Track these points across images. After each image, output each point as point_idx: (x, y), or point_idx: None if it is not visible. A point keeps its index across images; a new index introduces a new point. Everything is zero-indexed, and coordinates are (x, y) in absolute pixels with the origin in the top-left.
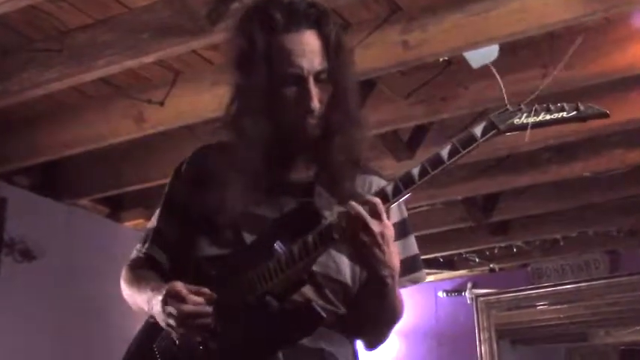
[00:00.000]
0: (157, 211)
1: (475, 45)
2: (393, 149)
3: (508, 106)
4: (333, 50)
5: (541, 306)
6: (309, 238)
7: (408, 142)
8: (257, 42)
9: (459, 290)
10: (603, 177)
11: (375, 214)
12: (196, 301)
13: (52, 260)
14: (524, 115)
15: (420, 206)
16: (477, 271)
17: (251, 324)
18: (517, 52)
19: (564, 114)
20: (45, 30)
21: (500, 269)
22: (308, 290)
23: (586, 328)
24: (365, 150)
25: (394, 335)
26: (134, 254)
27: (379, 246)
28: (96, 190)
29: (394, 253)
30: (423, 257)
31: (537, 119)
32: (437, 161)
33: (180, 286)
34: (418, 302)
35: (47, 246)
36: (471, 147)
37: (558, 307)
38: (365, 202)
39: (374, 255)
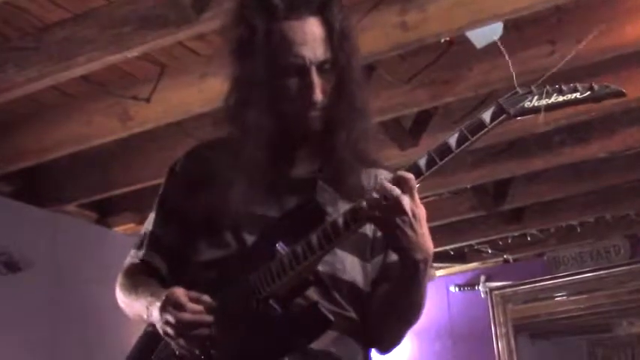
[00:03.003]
0: (152, 214)
1: (478, 23)
2: (396, 138)
3: (517, 88)
4: (337, 39)
5: (560, 297)
6: (313, 237)
7: (411, 130)
8: (256, 30)
9: (471, 284)
10: (620, 157)
11: (408, 191)
12: (196, 309)
13: (39, 271)
14: (535, 97)
15: (426, 197)
16: (490, 262)
17: (254, 330)
18: (523, 29)
19: (577, 95)
20: (21, 27)
21: (515, 260)
22: (314, 293)
23: (608, 319)
24: (371, 143)
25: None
26: (129, 260)
27: (412, 226)
28: (82, 195)
29: (427, 235)
30: (432, 251)
31: (549, 101)
32: (445, 150)
33: (179, 293)
34: (429, 299)
35: (33, 256)
36: (480, 133)
37: (578, 297)
38: (397, 179)
39: (407, 237)
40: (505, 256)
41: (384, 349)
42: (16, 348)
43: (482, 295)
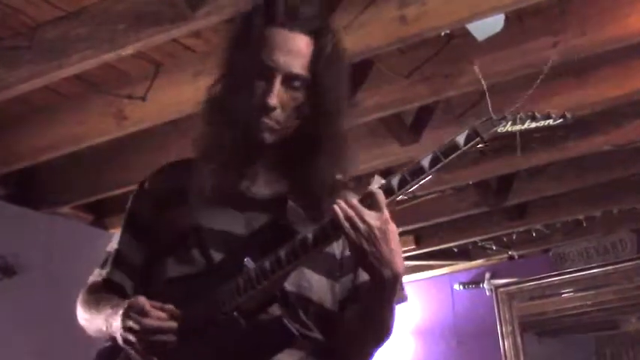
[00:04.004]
0: (117, 233)
1: (479, 15)
2: (397, 133)
3: (492, 115)
4: (321, 64)
5: (566, 293)
6: (281, 252)
7: (412, 125)
8: (253, 28)
9: (476, 282)
10: (625, 150)
11: (375, 206)
12: (160, 316)
13: (34, 275)
14: (509, 123)
15: (428, 193)
16: (494, 259)
17: (218, 342)
18: (525, 21)
19: (550, 122)
20: (12, 26)
21: (520, 256)
22: (279, 311)
23: (616, 315)
24: (346, 170)
25: (409, 335)
26: (91, 279)
27: (378, 242)
28: (77, 197)
29: (397, 252)
30: (436, 248)
31: (522, 127)
32: (418, 170)
33: (143, 300)
34: (433, 297)
35: (28, 260)
36: (452, 155)
37: (585, 293)
38: (366, 195)
39: (374, 253)
40: (510, 253)
41: None
42: (13, 353)
43: (487, 293)
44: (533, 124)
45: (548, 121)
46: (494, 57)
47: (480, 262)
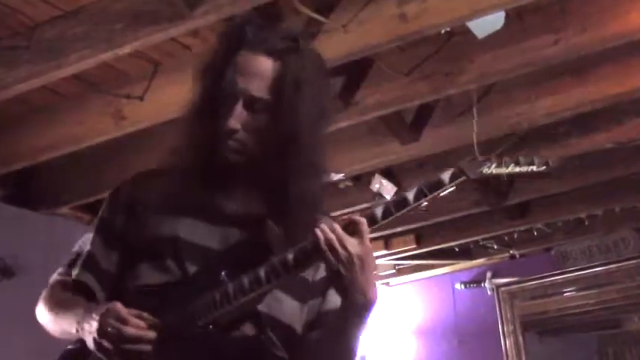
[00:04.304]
0: (90, 235)
1: (479, 13)
2: (397, 132)
3: (477, 156)
4: (285, 86)
5: (568, 292)
6: (261, 271)
7: (412, 123)
8: (220, 52)
9: (477, 281)
10: (627, 148)
11: (356, 233)
12: (139, 324)
13: (33, 276)
14: (494, 165)
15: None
16: (496, 258)
17: (192, 354)
18: (525, 19)
19: (533, 168)
20: (10, 25)
21: (522, 255)
22: (250, 330)
23: (619, 314)
24: (321, 193)
25: (411, 334)
26: (56, 277)
27: (354, 268)
28: (76, 197)
29: (372, 282)
30: (437, 247)
31: (506, 171)
32: (402, 203)
33: (120, 306)
34: (435, 297)
35: (27, 261)
36: (437, 192)
37: (587, 292)
38: (349, 222)
39: (349, 278)
40: (511, 252)
41: None
42: (12, 353)
43: (489, 292)
44: (517, 169)
45: (531, 167)
46: (495, 55)
47: (481, 261)
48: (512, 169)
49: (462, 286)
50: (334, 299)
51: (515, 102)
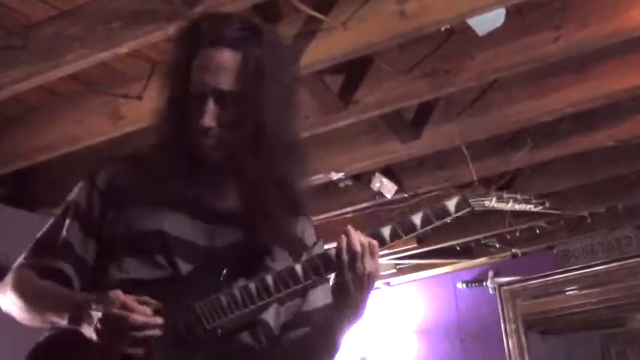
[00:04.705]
0: (64, 222)
1: (479, 10)
2: (397, 130)
3: (478, 190)
4: (251, 74)
5: (571, 291)
6: (269, 279)
7: (412, 122)
8: (181, 54)
9: (479, 280)
10: (629, 145)
11: (371, 254)
12: (145, 311)
13: None
14: (494, 199)
15: (430, 191)
16: (497, 257)
17: (200, 358)
18: (525, 15)
19: (531, 207)
20: (6, 25)
21: (524, 254)
22: (247, 335)
23: (622, 313)
24: (300, 185)
25: (412, 334)
26: (22, 262)
27: (365, 285)
28: None
29: (367, 297)
30: (438, 246)
31: (506, 206)
32: (411, 228)
33: (123, 294)
34: (436, 296)
35: None
36: (443, 220)
37: (590, 291)
38: (364, 243)
39: (354, 291)
40: (513, 250)
41: None
42: (9, 357)
43: (491, 291)
44: (517, 206)
45: (529, 206)
46: (496, 52)
47: (482, 260)
48: (512, 205)
49: (464, 286)
50: (315, 300)
51: (515, 100)
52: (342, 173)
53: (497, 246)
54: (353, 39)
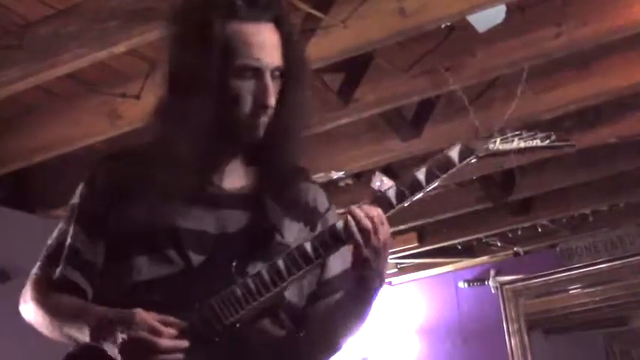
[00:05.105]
0: (69, 228)
1: (479, 7)
2: (398, 129)
3: (480, 135)
4: (291, 49)
5: (574, 290)
6: (280, 263)
7: (413, 120)
8: (214, 24)
9: (481, 279)
10: (631, 142)
11: (383, 222)
12: (171, 333)
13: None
14: (498, 140)
15: (432, 189)
16: (499, 256)
17: (223, 355)
18: (526, 11)
19: (537, 142)
20: (1, 25)
21: (526, 252)
22: (269, 321)
23: (625, 311)
24: (305, 156)
25: (414, 334)
26: (38, 273)
27: (382, 255)
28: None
29: (386, 264)
30: (439, 245)
31: (511, 147)
32: (416, 185)
33: (147, 315)
34: (437, 296)
35: (23, 264)
36: (450, 171)
37: (593, 289)
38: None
39: (375, 264)
40: (515, 249)
41: None
42: (8, 359)
43: (493, 291)
44: (522, 144)
45: (535, 142)
46: (496, 49)
47: (484, 259)
48: (518, 144)
49: (466, 285)
50: (334, 266)
51: (517, 96)
52: (343, 172)
53: (499, 244)
54: (352, 37)
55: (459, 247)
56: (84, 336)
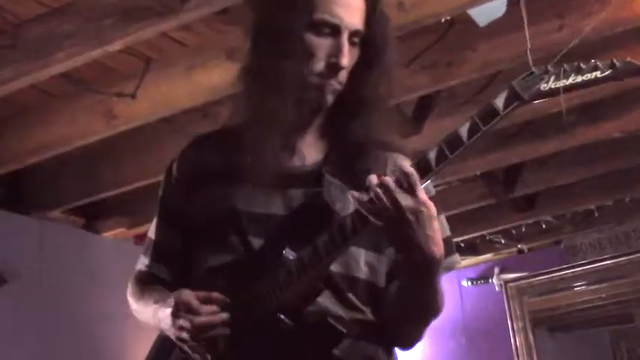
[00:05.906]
0: (155, 219)
1: (480, 0)
2: (398, 125)
3: (533, 69)
4: (375, 18)
5: (579, 287)
6: (320, 242)
7: (413, 116)
8: None
9: (485, 277)
10: (635, 137)
11: (408, 188)
12: (209, 310)
13: (25, 282)
14: (552, 78)
15: (434, 185)
16: (503, 253)
17: (265, 345)
18: (528, 4)
19: (598, 73)
20: None
21: (530, 249)
22: (326, 298)
23: (631, 308)
24: (388, 126)
25: None
26: (137, 267)
27: (410, 224)
28: (68, 200)
29: (433, 237)
30: None
31: (567, 83)
32: (457, 141)
33: (188, 296)
34: None
35: (19, 267)
36: (493, 122)
37: (598, 286)
38: (399, 175)
39: (404, 236)
40: (519, 246)
41: (405, 346)
42: None
43: (497, 288)
44: (579, 78)
45: (595, 74)
46: (498, 43)
47: (488, 256)
48: (575, 78)
49: (469, 283)
50: None
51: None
52: None
53: (503, 242)
54: None
55: (462, 245)
56: (153, 323)
